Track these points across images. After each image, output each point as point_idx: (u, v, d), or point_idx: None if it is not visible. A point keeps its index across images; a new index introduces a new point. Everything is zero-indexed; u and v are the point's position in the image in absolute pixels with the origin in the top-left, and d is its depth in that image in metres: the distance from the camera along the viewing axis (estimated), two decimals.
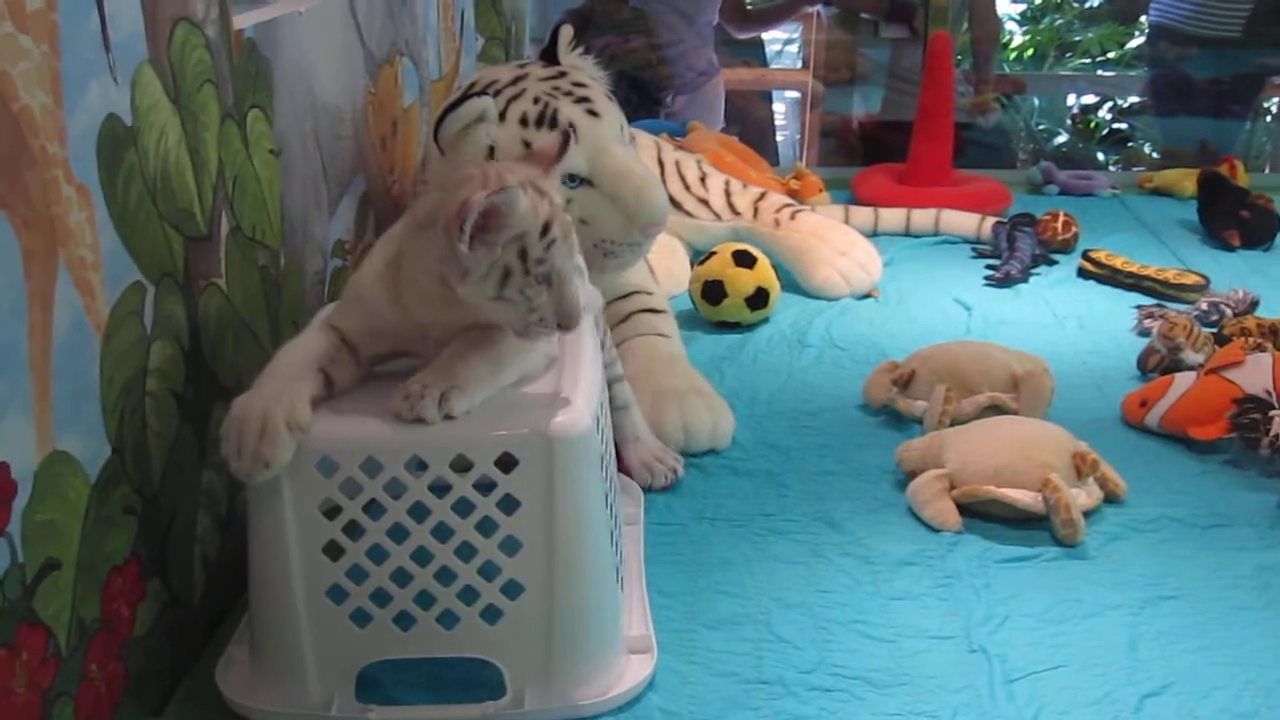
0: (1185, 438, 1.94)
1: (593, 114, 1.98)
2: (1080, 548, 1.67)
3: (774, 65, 4.86)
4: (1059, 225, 2.94)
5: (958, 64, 4.05)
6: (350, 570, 1.30)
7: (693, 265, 2.57)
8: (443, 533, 1.29)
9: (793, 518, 1.75)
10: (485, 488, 1.28)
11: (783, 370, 2.29)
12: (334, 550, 1.29)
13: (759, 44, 5.13)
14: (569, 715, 1.34)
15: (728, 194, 2.78)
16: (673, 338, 2.16)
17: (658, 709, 1.36)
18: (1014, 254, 2.79)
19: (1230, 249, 2.97)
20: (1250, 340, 2.14)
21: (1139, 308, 2.50)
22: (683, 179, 2.78)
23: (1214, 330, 2.30)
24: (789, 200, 2.84)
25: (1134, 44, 6.24)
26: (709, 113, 4.17)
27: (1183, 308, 2.48)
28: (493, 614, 1.31)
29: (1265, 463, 1.86)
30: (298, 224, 1.81)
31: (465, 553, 1.30)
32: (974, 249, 2.96)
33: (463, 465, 1.28)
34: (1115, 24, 6.37)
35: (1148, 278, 2.66)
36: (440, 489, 1.28)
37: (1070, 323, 2.51)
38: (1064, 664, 1.43)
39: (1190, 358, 2.14)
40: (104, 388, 1.24)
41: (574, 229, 1.30)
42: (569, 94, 1.98)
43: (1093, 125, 6.28)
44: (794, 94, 5.25)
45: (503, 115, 1.93)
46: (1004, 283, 2.71)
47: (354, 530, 1.29)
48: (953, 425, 1.92)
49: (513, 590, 1.31)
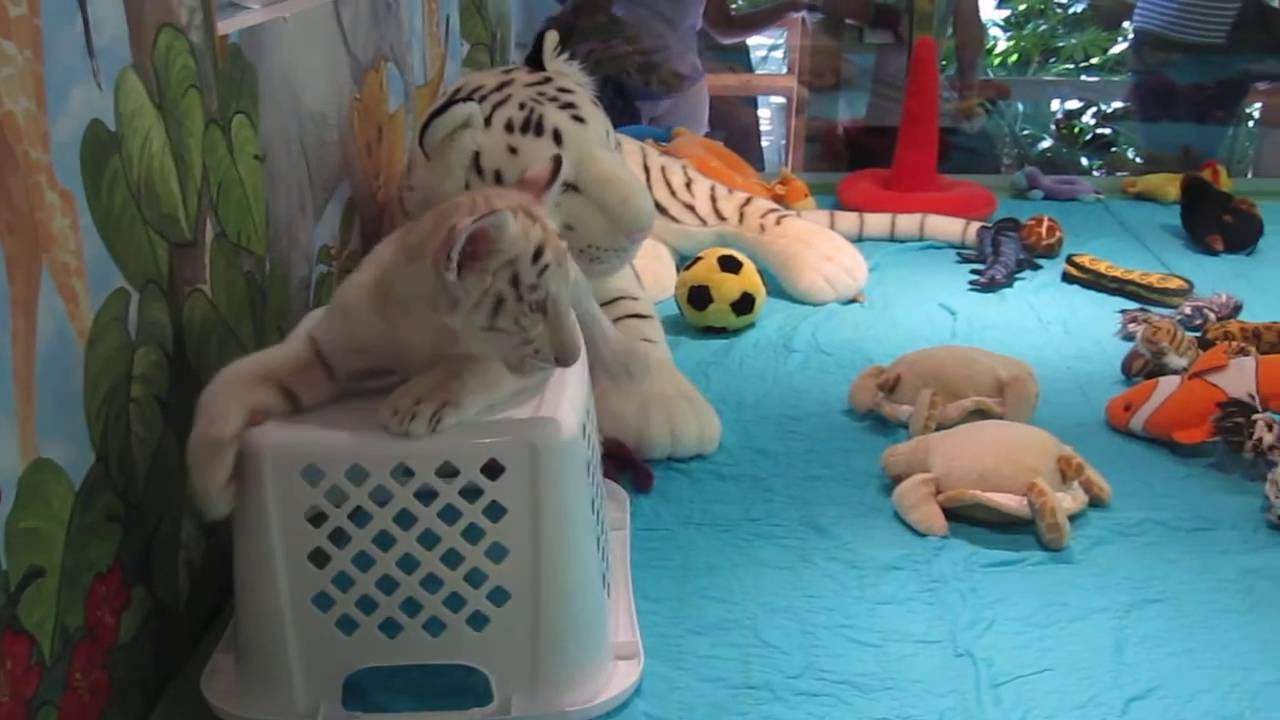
0: (1169, 441, 1.95)
1: (578, 120, 1.98)
2: (1065, 552, 1.67)
3: (759, 70, 4.87)
4: (1043, 230, 2.95)
5: (942, 69, 4.06)
6: (336, 577, 1.29)
7: (678, 270, 2.57)
8: (429, 540, 1.29)
9: (779, 523, 1.76)
10: (471, 494, 1.28)
11: (769, 375, 2.29)
12: (320, 558, 1.29)
13: (744, 49, 5.13)
14: None
15: (713, 199, 2.78)
16: (659, 343, 2.15)
17: (644, 715, 1.35)
18: (998, 259, 2.80)
19: (1213, 253, 2.98)
20: (1233, 344, 2.15)
21: (1123, 312, 2.51)
22: (668, 184, 2.78)
23: (1197, 334, 2.31)
24: (774, 205, 2.84)
25: (1117, 49, 6.27)
26: (693, 117, 4.17)
27: (1166, 312, 2.49)
28: (479, 621, 1.31)
29: (1249, 466, 1.86)
30: (283, 230, 1.81)
31: (451, 560, 1.29)
32: (959, 254, 2.97)
33: (449, 472, 1.27)
34: (1099, 30, 6.40)
35: (1131, 282, 2.67)
36: (426, 496, 1.27)
37: (1055, 327, 2.52)
38: (1050, 668, 1.43)
39: (1174, 362, 2.15)
40: (88, 394, 1.24)
41: (560, 232, 1.28)
42: (554, 100, 1.98)
43: (1076, 130, 6.30)
44: (779, 99, 5.26)
45: (488, 121, 1.93)
46: (989, 287, 2.72)
47: (340, 538, 1.28)
48: (938, 430, 1.93)
49: (499, 597, 1.31)
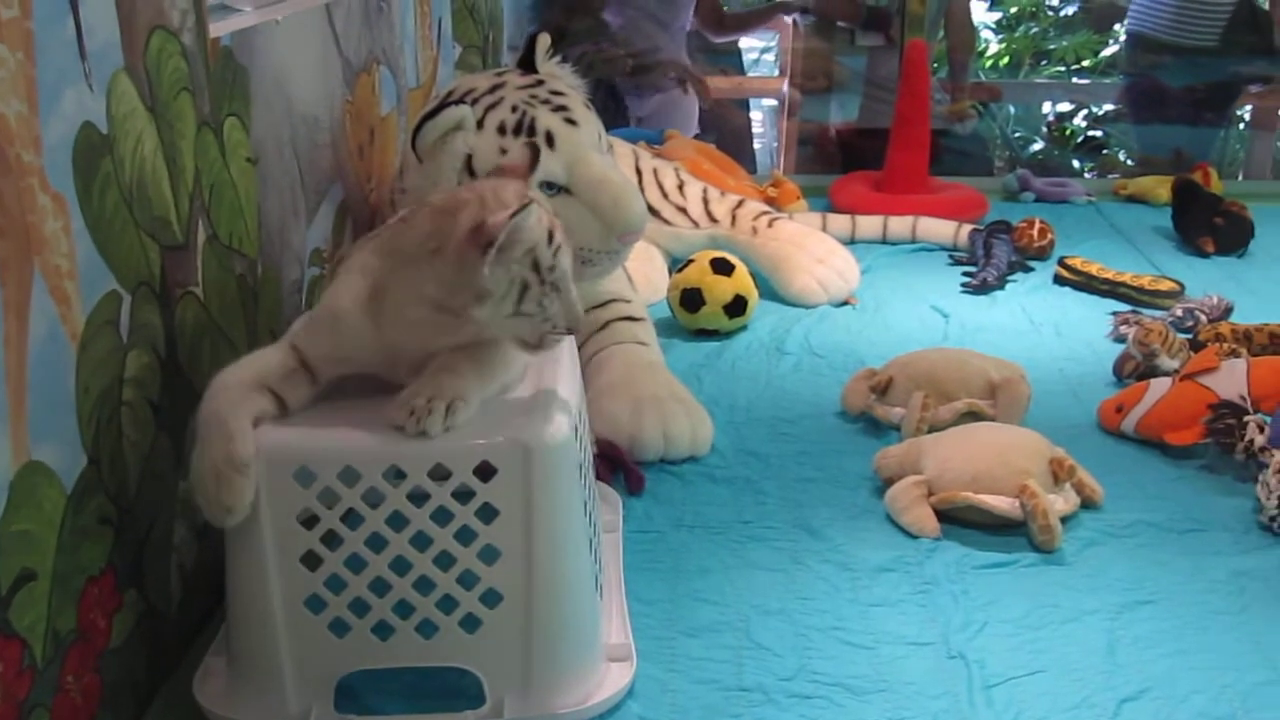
0: (1161, 443, 1.96)
1: (570, 122, 1.98)
2: (1058, 553, 1.67)
3: (751, 73, 4.87)
4: (1035, 232, 2.95)
5: (934, 72, 4.06)
6: (329, 580, 1.29)
7: (671, 273, 2.57)
8: (421, 542, 1.29)
9: (771, 525, 1.76)
10: (464, 496, 1.28)
11: (761, 378, 2.29)
12: (312, 560, 1.29)
13: (736, 52, 5.14)
14: None
15: (705, 202, 2.78)
16: (651, 345, 2.15)
17: (637, 717, 1.35)
18: (990, 261, 2.80)
19: (1204, 255, 2.98)
20: (1225, 346, 2.16)
21: (1114, 314, 2.51)
22: (660, 187, 2.78)
23: (1189, 336, 2.31)
24: (766, 208, 2.84)
25: (1108, 52, 6.29)
26: (682, 119, 4.17)
27: (1158, 314, 2.49)
28: (472, 623, 1.31)
29: (1240, 468, 1.87)
30: (275, 232, 1.81)
31: (444, 562, 1.29)
32: (951, 256, 2.98)
33: (441, 474, 1.27)
34: (1090, 32, 6.42)
35: (1123, 284, 2.68)
36: (419, 498, 1.27)
37: (1046, 329, 2.52)
38: (1042, 669, 1.43)
39: (1165, 364, 2.15)
40: (80, 397, 1.23)
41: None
42: (547, 102, 1.98)
43: (1068, 133, 6.32)
44: (771, 102, 5.25)
45: (480, 124, 1.93)
46: (980, 290, 2.72)
47: (332, 540, 1.28)
48: (930, 432, 1.93)
49: (492, 599, 1.30)
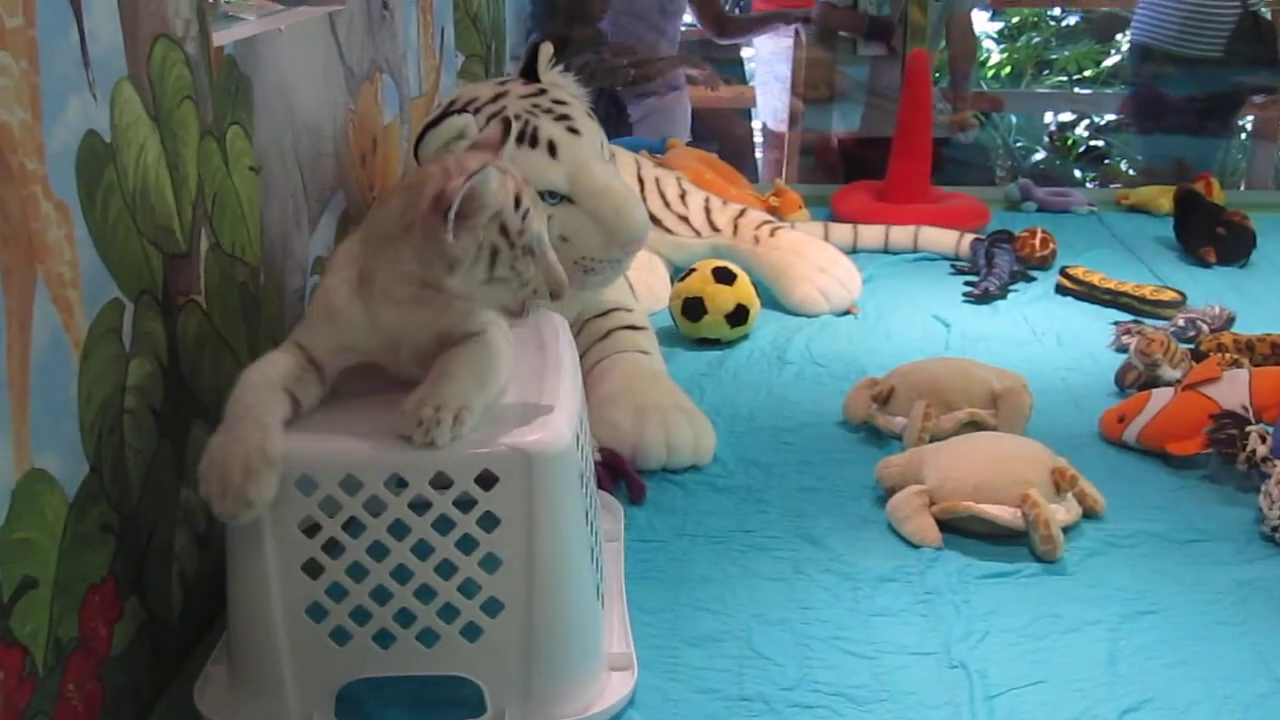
0: (1163, 453, 1.95)
1: (573, 131, 1.98)
2: (1059, 563, 1.67)
3: (753, 82, 4.87)
4: (1037, 242, 2.95)
5: (935, 82, 4.06)
6: (330, 588, 1.29)
7: (673, 282, 2.57)
8: (422, 550, 1.29)
9: (773, 534, 1.75)
10: (465, 505, 1.28)
11: (763, 387, 2.29)
12: (313, 568, 1.29)
13: (738, 61, 5.14)
14: None
15: (707, 211, 2.79)
16: (653, 354, 2.16)
17: None
18: (992, 270, 2.80)
19: (1206, 265, 2.99)
20: (1227, 356, 2.15)
21: (1116, 324, 2.51)
22: (663, 196, 2.78)
23: (1191, 346, 2.31)
24: (768, 217, 2.85)
25: (1110, 62, 6.29)
26: (673, 124, 4.20)
27: (1160, 324, 2.49)
28: (473, 631, 1.31)
29: (1242, 478, 1.87)
30: (277, 241, 1.81)
31: (445, 570, 1.29)
32: (953, 266, 2.98)
33: (442, 483, 1.27)
34: (1092, 42, 6.43)
35: (1125, 294, 2.68)
36: (420, 506, 1.27)
37: (1048, 339, 2.52)
38: (1044, 680, 1.43)
39: (1167, 374, 2.15)
40: (82, 405, 1.23)
41: (553, 239, 1.31)
42: (549, 111, 1.99)
43: (1070, 142, 6.32)
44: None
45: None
46: (982, 299, 2.72)
47: (333, 548, 1.28)
48: (932, 441, 1.93)
49: (493, 608, 1.30)
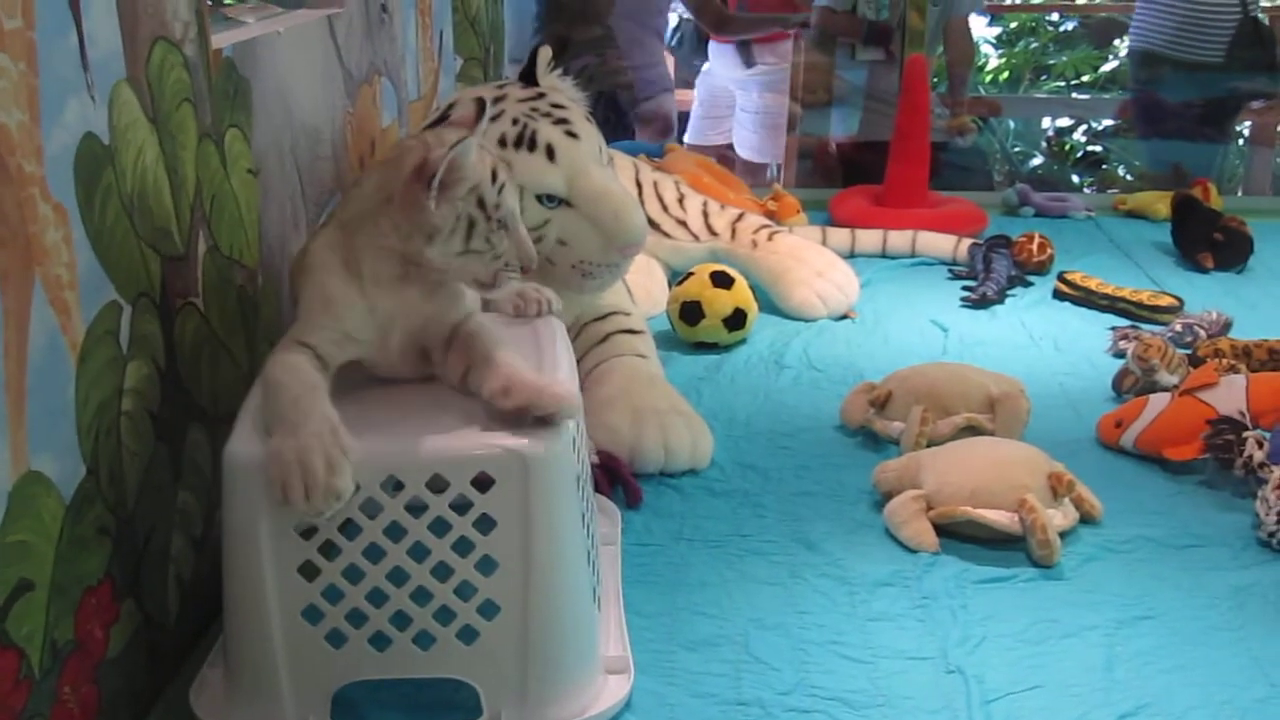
0: (1160, 459, 1.95)
1: (571, 135, 1.98)
2: (1056, 568, 1.67)
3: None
4: (1034, 247, 2.95)
5: (934, 87, 4.07)
6: (326, 590, 1.29)
7: (671, 286, 2.57)
8: (419, 553, 1.29)
9: (770, 539, 1.75)
10: (462, 507, 1.28)
11: (760, 391, 2.29)
12: (310, 570, 1.28)
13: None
14: None
15: (705, 215, 2.79)
16: (651, 358, 2.15)
17: None
18: (990, 275, 2.80)
19: (1204, 271, 2.99)
20: (1224, 361, 2.16)
21: (1114, 329, 2.51)
22: (661, 200, 2.78)
23: (1188, 352, 2.31)
24: (766, 221, 2.85)
25: (1108, 67, 6.31)
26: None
27: (1157, 329, 2.49)
28: (469, 634, 1.31)
29: (1239, 483, 1.87)
30: (275, 244, 1.81)
31: (441, 573, 1.29)
32: (950, 270, 2.98)
33: (439, 485, 1.27)
34: (1090, 48, 6.44)
35: (1122, 299, 2.68)
36: (417, 509, 1.27)
37: (1046, 344, 2.52)
38: (1041, 685, 1.43)
39: (1164, 379, 2.15)
40: (79, 408, 1.23)
41: (551, 243, 1.33)
42: (547, 115, 1.99)
43: (1067, 148, 6.33)
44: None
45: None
46: (980, 304, 2.73)
47: (330, 550, 1.28)
48: (929, 446, 1.93)
49: (489, 610, 1.30)
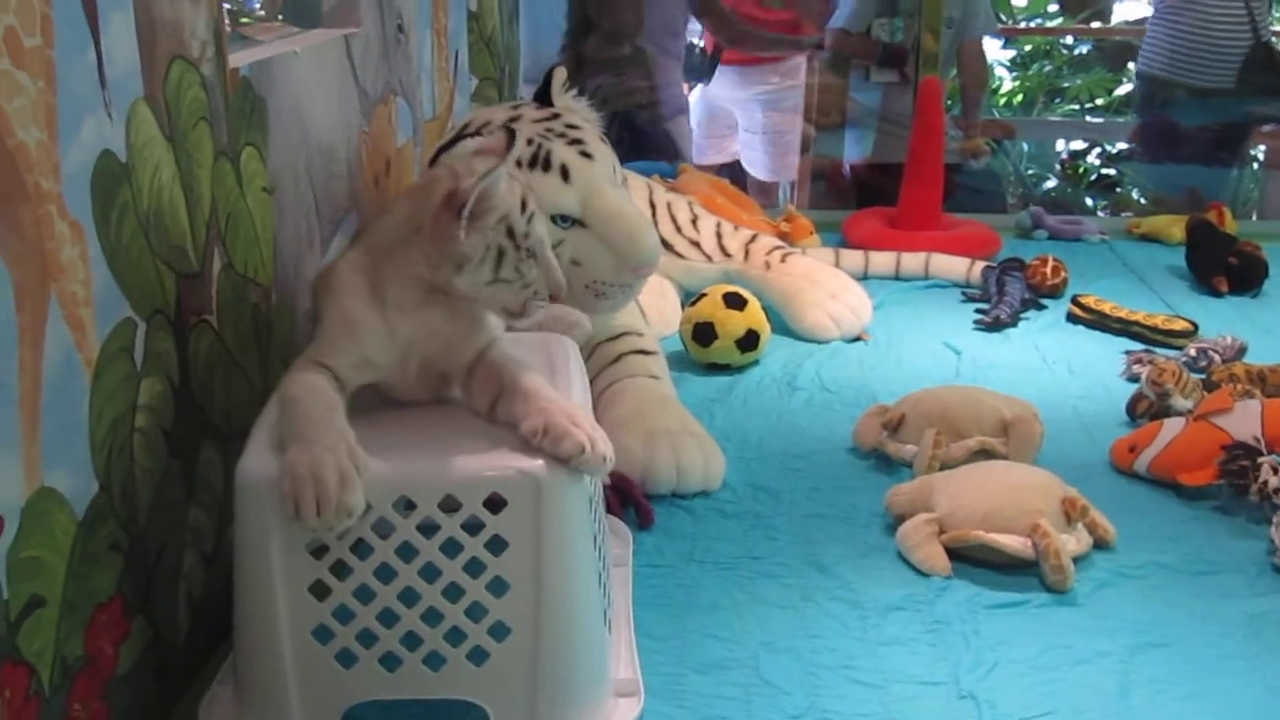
0: (1174, 484, 1.94)
1: (585, 155, 1.99)
2: (1070, 594, 1.66)
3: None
4: (1048, 270, 2.95)
5: (947, 109, 4.07)
6: (337, 610, 1.29)
7: (683, 307, 2.57)
8: (430, 573, 1.29)
9: (782, 561, 1.75)
10: (473, 528, 1.28)
11: (772, 413, 2.28)
12: (321, 590, 1.28)
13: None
14: None
15: (719, 236, 2.79)
16: (664, 379, 2.15)
17: None
18: (1003, 298, 2.80)
19: (1218, 295, 2.98)
20: (1239, 386, 2.15)
21: (1128, 353, 2.51)
22: (674, 221, 2.79)
23: (1202, 376, 2.30)
24: (780, 243, 2.85)
25: (1122, 90, 6.30)
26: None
27: (1171, 353, 2.48)
28: (479, 655, 1.30)
29: (1254, 509, 1.86)
30: (290, 262, 1.82)
31: (453, 593, 1.29)
32: (964, 293, 2.98)
33: (451, 505, 1.27)
34: (1104, 71, 6.44)
35: (1136, 323, 2.67)
36: (428, 529, 1.27)
37: (1059, 367, 2.51)
38: (1053, 711, 1.42)
39: (1179, 404, 2.14)
40: (93, 424, 1.24)
41: (565, 263, 1.32)
42: (562, 135, 1.99)
43: (1081, 171, 6.33)
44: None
45: None
46: (993, 327, 2.72)
47: (341, 570, 1.28)
48: (942, 469, 1.92)
49: (500, 632, 1.30)
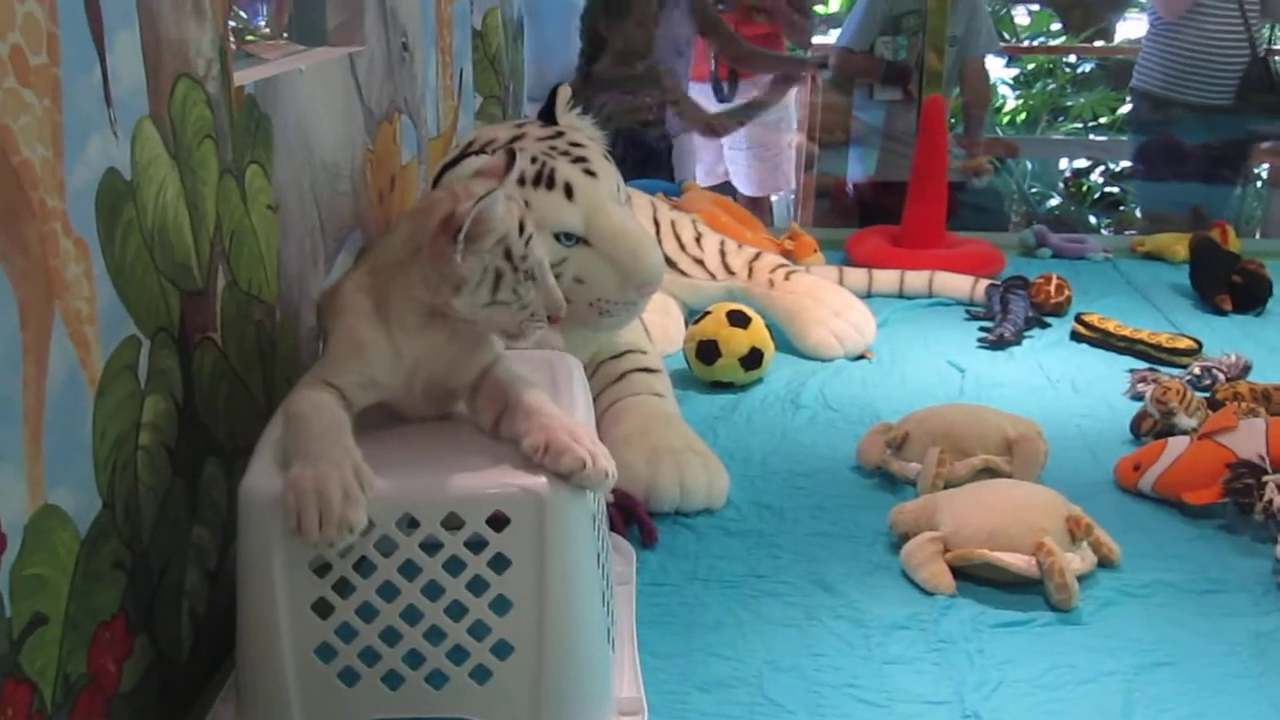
0: (1179, 502, 1.94)
1: (589, 173, 1.99)
2: (1074, 613, 1.66)
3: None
4: (1052, 288, 2.95)
5: (951, 127, 4.08)
6: (339, 628, 1.29)
7: (687, 325, 2.57)
8: (433, 591, 1.29)
9: (786, 579, 1.74)
10: (476, 546, 1.28)
11: (776, 431, 2.28)
12: (323, 608, 1.28)
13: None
14: None
15: (723, 254, 2.79)
16: (667, 397, 2.15)
17: None
18: (1007, 316, 2.80)
19: (1222, 313, 2.98)
20: (1243, 405, 2.14)
21: (1132, 371, 2.50)
22: (678, 238, 2.79)
23: (1207, 395, 2.30)
24: (783, 261, 2.85)
25: (1126, 109, 6.31)
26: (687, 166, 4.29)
27: (1175, 372, 2.48)
28: (482, 674, 1.30)
29: (1259, 528, 1.85)
30: (294, 279, 1.82)
31: (455, 612, 1.29)
32: (967, 311, 2.98)
33: (454, 523, 1.27)
34: (1107, 89, 6.45)
35: (1140, 341, 2.67)
36: (431, 547, 1.27)
37: (1063, 386, 2.51)
38: None
39: (1183, 422, 2.14)
40: (96, 441, 1.24)
41: (569, 281, 1.33)
42: (566, 153, 1.99)
43: (1085, 189, 6.34)
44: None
45: None
46: (997, 345, 2.72)
47: (344, 588, 1.28)
48: (946, 488, 1.92)
49: (503, 650, 1.30)
